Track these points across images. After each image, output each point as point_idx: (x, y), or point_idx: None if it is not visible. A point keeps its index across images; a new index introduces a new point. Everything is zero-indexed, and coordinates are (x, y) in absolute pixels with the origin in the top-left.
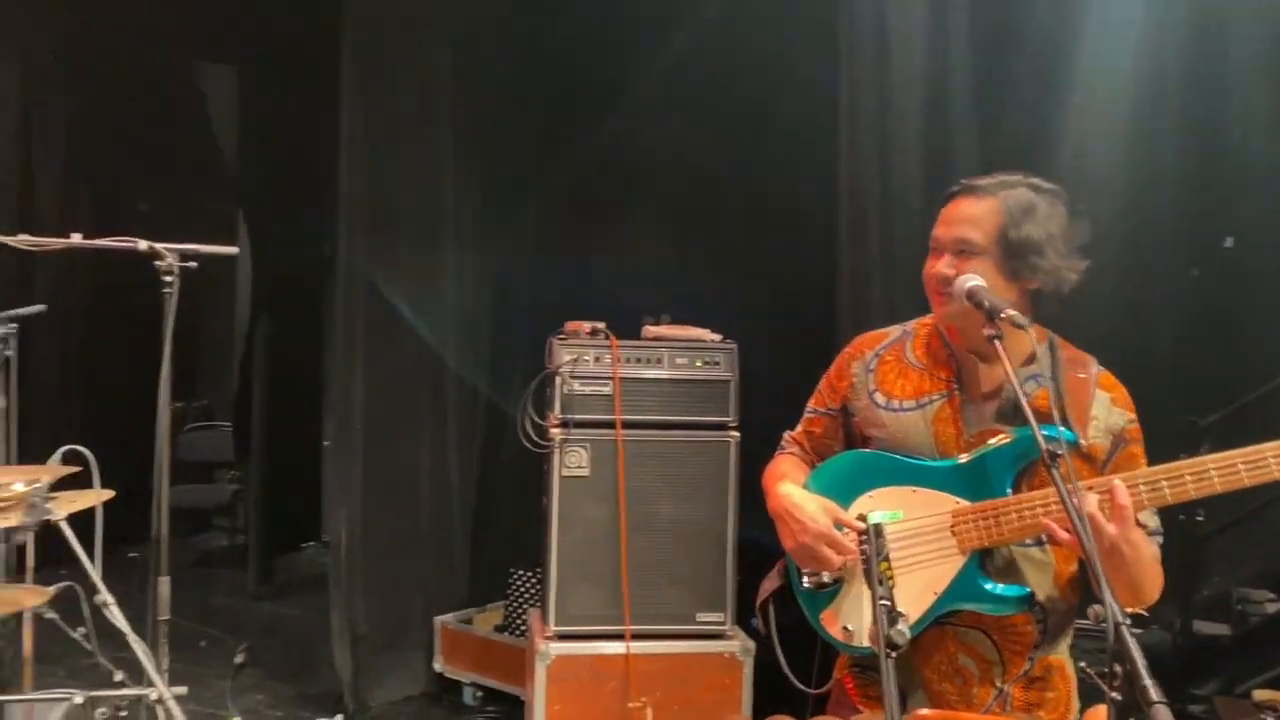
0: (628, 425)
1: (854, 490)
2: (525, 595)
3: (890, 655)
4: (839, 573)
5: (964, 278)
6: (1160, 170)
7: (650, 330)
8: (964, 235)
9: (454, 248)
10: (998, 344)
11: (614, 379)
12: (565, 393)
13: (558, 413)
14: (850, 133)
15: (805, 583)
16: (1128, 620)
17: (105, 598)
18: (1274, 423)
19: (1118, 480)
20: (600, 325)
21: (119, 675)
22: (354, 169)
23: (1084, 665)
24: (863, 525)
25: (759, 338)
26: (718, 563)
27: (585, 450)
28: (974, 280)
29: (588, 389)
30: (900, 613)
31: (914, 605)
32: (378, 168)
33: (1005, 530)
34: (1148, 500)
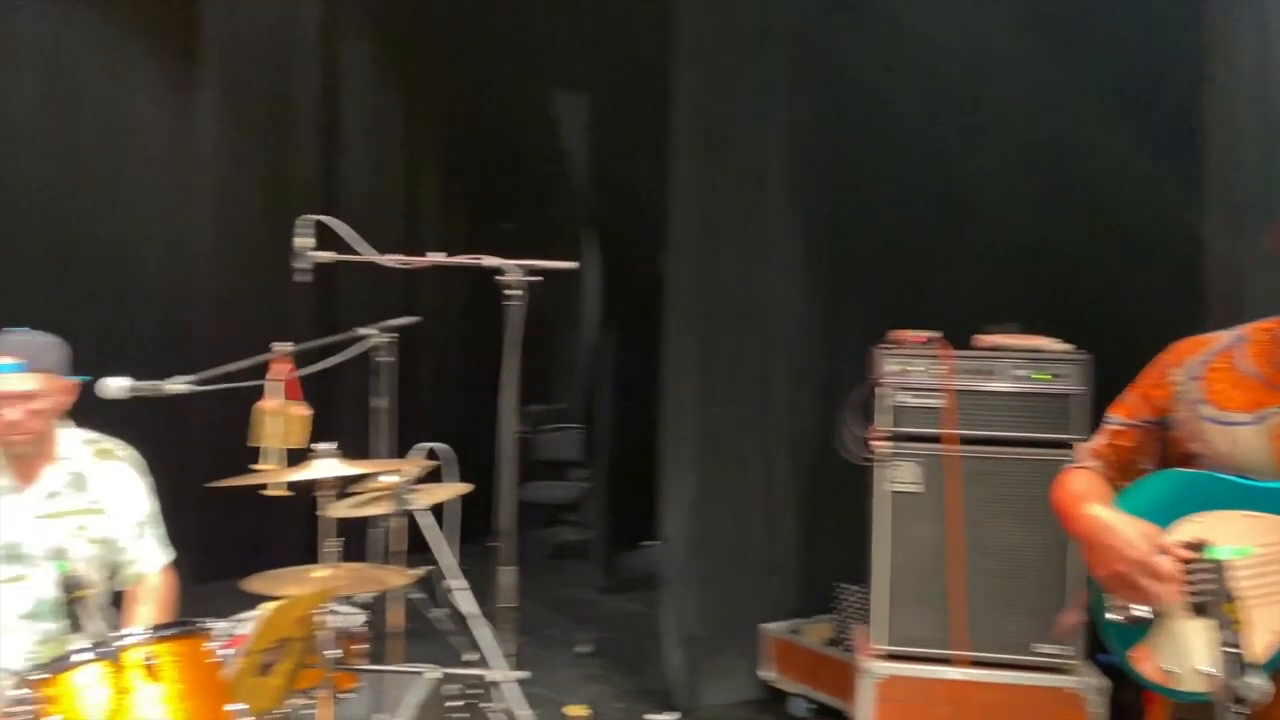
0: (962, 441)
1: (1173, 513)
2: (853, 610)
3: (1242, 713)
4: (1158, 605)
5: None
6: None
7: (985, 339)
8: None
9: (781, 255)
10: None
11: (947, 390)
12: (891, 405)
13: (883, 426)
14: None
15: (1113, 616)
16: None
17: (456, 583)
18: None
19: None
20: (936, 334)
21: (470, 656)
22: (680, 181)
23: None
24: (1191, 554)
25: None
26: (1059, 591)
27: (914, 465)
28: None
29: (916, 401)
30: (1251, 663)
31: (1258, 647)
32: (704, 181)
33: None
34: None
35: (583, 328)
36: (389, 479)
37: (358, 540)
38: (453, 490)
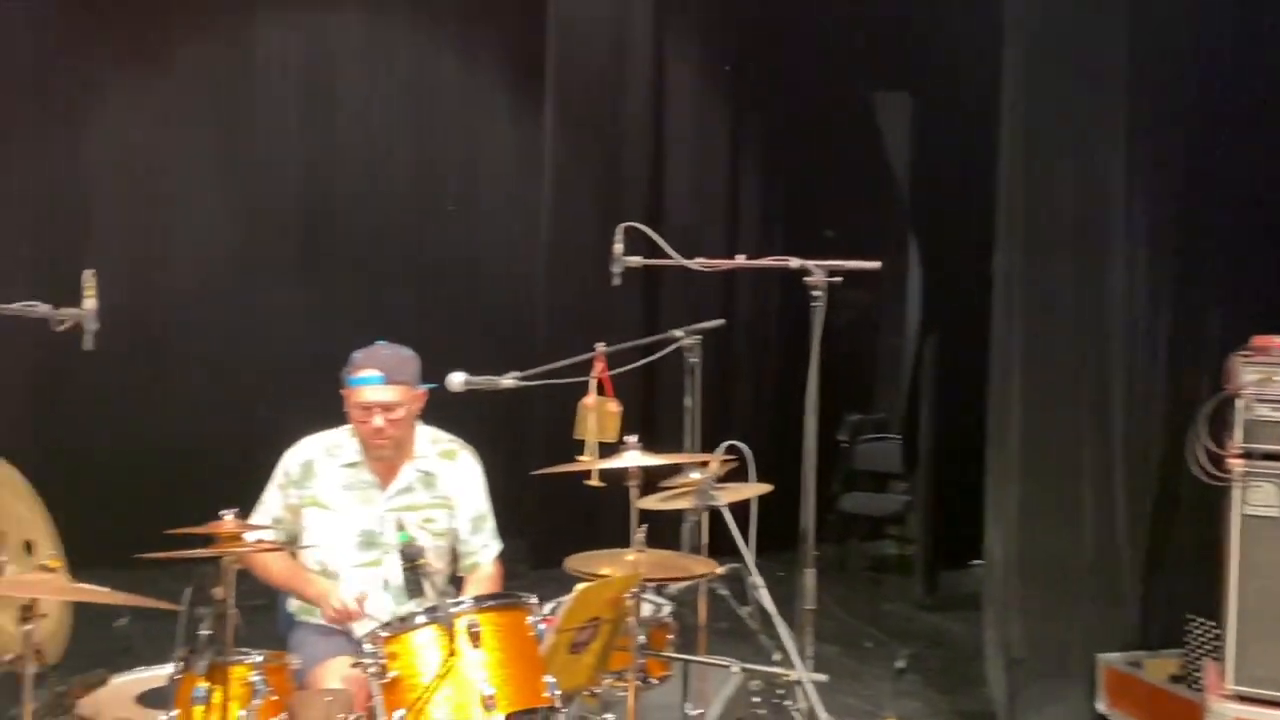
0: None
1: None
2: (1203, 645)
3: None
4: None
5: None
6: None
7: None
8: None
9: (1122, 256)
10: None
11: None
12: (1249, 419)
13: (1239, 441)
14: None
15: None
16: None
17: (756, 580)
18: None
19: None
20: None
21: (777, 655)
22: (1010, 181)
23: None
24: None
25: None
26: None
27: (1274, 487)
28: None
29: (1278, 415)
30: None
31: None
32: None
33: None
34: None
35: (906, 334)
36: (694, 475)
37: (673, 533)
38: (754, 489)
